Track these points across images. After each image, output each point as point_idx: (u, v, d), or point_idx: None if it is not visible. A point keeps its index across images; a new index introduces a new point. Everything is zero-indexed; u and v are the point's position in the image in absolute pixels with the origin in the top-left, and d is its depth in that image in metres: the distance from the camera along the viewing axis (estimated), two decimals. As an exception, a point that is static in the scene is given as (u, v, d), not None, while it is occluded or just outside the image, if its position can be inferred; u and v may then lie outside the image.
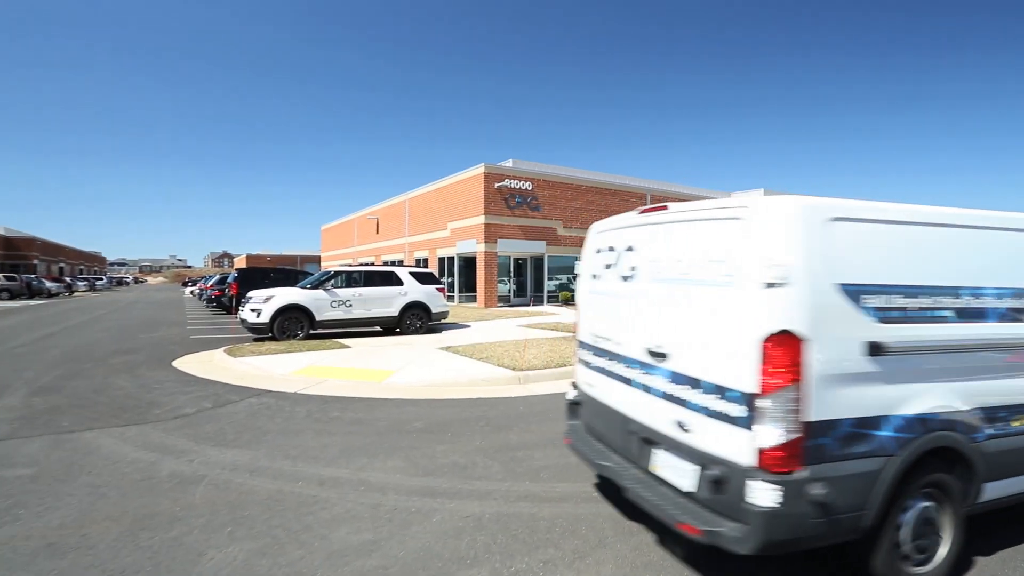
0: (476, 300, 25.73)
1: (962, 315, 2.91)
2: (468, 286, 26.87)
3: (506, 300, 26.16)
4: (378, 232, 38.53)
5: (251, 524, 3.57)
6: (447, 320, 15.71)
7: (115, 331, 15.49)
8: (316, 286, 13.16)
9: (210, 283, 27.72)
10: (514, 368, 8.74)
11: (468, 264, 26.75)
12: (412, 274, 14.33)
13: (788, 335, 2.42)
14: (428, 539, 3.40)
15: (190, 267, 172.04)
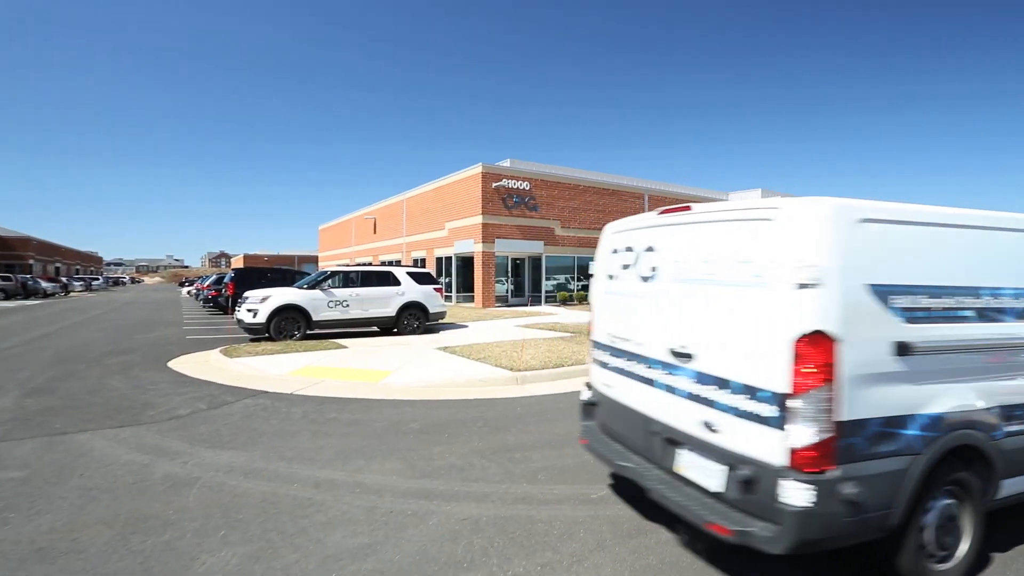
0: (474, 300, 25.70)
1: (982, 315, 2.96)
2: (466, 286, 26.83)
3: (504, 300, 26.13)
4: (375, 232, 38.47)
5: (245, 527, 3.52)
6: (445, 320, 15.66)
7: (110, 331, 15.40)
8: (313, 286, 13.11)
9: (207, 283, 27.60)
10: (512, 369, 8.70)
11: (466, 264, 26.71)
12: (409, 274, 14.30)
13: (821, 335, 2.44)
14: (424, 542, 3.36)
15: (187, 267, 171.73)
